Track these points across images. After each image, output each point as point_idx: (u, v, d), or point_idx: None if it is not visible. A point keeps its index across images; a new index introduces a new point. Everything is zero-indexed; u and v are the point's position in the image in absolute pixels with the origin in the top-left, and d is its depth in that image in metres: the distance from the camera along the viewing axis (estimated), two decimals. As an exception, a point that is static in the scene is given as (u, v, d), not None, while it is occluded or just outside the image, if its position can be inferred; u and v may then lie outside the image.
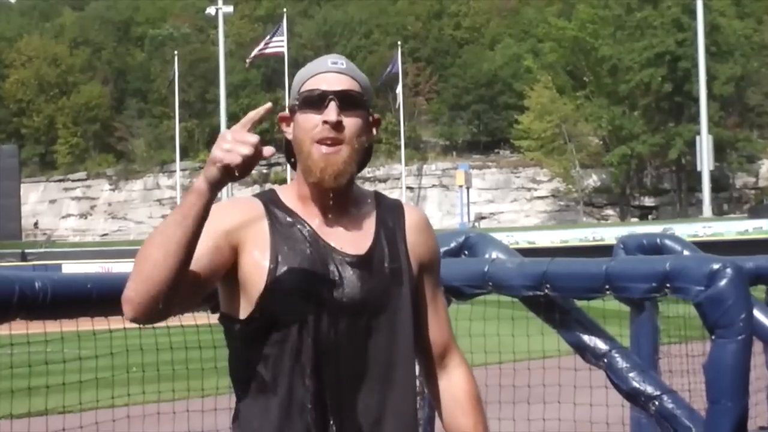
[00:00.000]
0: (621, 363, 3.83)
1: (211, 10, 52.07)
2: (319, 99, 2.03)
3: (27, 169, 64.90)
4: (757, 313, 4.28)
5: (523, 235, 41.43)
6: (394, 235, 2.11)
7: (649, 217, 53.45)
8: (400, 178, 55.47)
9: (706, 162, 42.92)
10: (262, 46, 48.54)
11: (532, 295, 3.83)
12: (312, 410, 1.96)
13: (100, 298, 2.83)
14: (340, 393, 1.98)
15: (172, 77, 56.42)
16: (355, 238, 2.06)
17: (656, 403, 3.71)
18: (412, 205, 2.25)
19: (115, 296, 1.96)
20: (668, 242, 4.75)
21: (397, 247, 2.10)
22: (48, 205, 67.63)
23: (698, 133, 44.34)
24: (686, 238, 5.56)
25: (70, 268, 33.43)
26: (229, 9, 51.65)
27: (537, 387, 5.18)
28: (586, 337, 3.91)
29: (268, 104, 2.01)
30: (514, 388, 5.06)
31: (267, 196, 2.10)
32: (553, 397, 5.15)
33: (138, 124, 66.56)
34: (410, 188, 57.89)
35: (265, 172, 60.79)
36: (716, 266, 3.41)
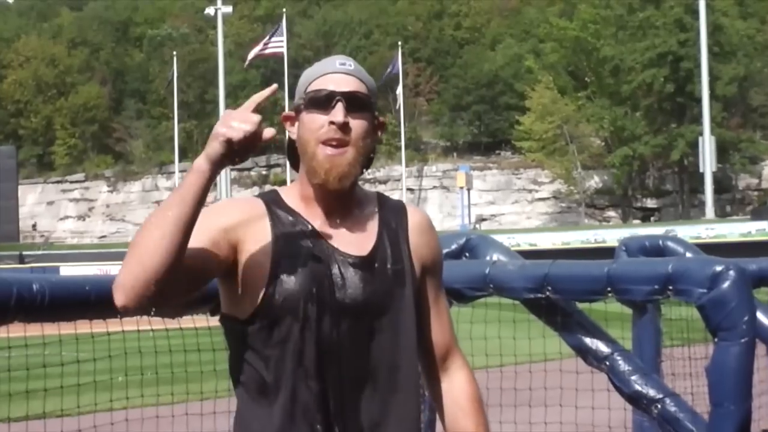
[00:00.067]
0: (623, 366, 3.82)
1: (210, 11, 51.78)
2: (326, 99, 2.02)
3: (24, 171, 64.71)
4: (760, 316, 4.26)
5: (525, 237, 41.37)
6: (397, 236, 2.10)
7: (652, 218, 53.35)
8: (401, 180, 55.39)
9: (708, 163, 42.85)
10: (261, 46, 48.39)
11: (534, 297, 3.82)
12: (317, 412, 1.95)
13: (99, 300, 2.80)
14: (343, 395, 1.97)
15: (171, 78, 56.31)
16: (358, 239, 2.05)
17: (659, 406, 3.69)
18: (414, 206, 2.24)
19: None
20: (670, 244, 4.73)
21: (400, 248, 2.08)
22: (46, 207, 67.40)
23: (701, 134, 44.22)
24: (689, 240, 5.55)
25: (68, 270, 33.51)
26: (228, 9, 51.41)
27: (538, 390, 5.16)
28: (588, 340, 3.90)
29: (274, 86, 2.00)
30: (516, 391, 5.04)
31: (269, 196, 2.09)
32: (554, 400, 5.13)
33: (136, 125, 66.34)
34: (411, 190, 57.80)
35: (264, 173, 60.76)
36: (719, 268, 3.39)
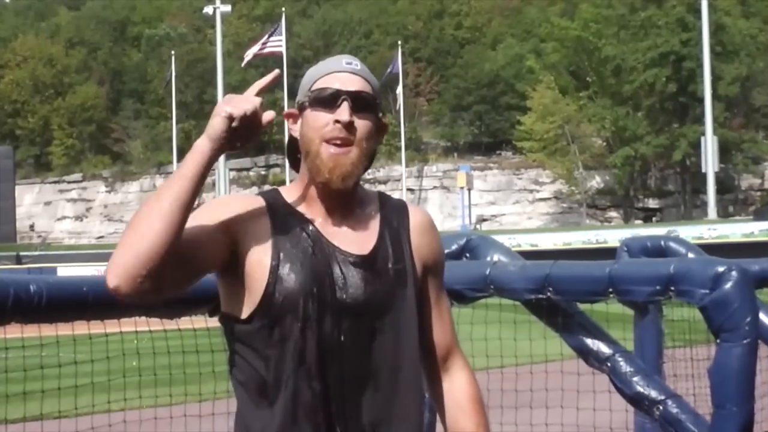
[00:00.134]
0: (624, 367, 3.79)
1: (209, 10, 51.46)
2: (332, 98, 2.01)
3: (22, 171, 64.67)
4: (762, 317, 4.22)
5: (526, 238, 41.31)
6: (399, 235, 2.09)
7: (653, 219, 53.29)
8: (401, 180, 55.36)
9: (710, 163, 42.83)
10: (259, 46, 48.26)
11: (535, 298, 3.80)
12: (318, 412, 1.93)
13: (96, 301, 2.78)
14: (344, 395, 1.95)
15: (169, 78, 56.29)
16: (359, 238, 2.04)
17: (660, 407, 3.67)
18: (416, 205, 2.24)
19: (112, 299, 1.92)
20: (672, 245, 4.71)
21: (402, 248, 2.07)
22: (43, 207, 67.24)
23: (703, 134, 44.18)
24: (691, 241, 5.52)
25: (66, 270, 33.49)
26: (227, 8, 51.09)
27: (539, 391, 5.14)
28: (589, 341, 3.87)
29: (276, 71, 2.00)
30: (516, 393, 5.02)
31: (270, 194, 2.09)
32: (555, 401, 5.11)
33: (134, 125, 66.13)
34: (411, 190, 57.78)
35: (263, 173, 60.73)
36: (721, 269, 3.37)
